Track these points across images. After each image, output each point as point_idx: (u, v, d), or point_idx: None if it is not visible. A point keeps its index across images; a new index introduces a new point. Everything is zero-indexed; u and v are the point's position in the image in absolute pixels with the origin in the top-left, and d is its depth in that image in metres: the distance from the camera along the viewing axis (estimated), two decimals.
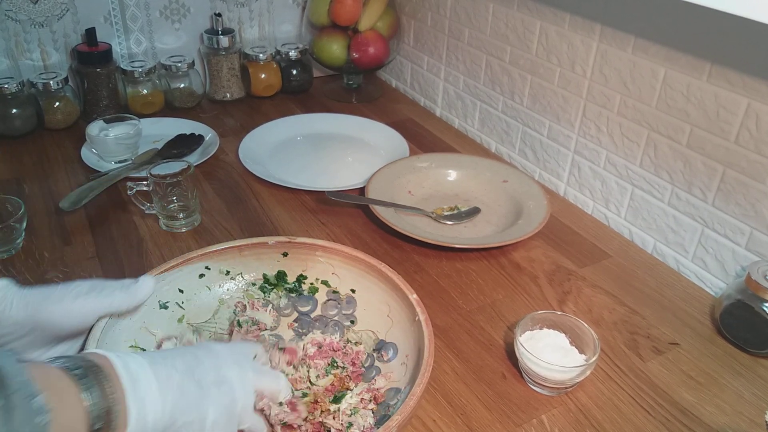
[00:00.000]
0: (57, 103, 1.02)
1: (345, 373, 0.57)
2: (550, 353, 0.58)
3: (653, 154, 0.78)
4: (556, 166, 0.94)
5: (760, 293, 0.62)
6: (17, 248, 0.75)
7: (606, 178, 0.86)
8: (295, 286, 0.63)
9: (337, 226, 0.82)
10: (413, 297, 0.56)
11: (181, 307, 0.59)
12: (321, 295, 0.63)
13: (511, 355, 0.63)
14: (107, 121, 0.94)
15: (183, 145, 0.98)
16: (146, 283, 0.54)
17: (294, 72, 1.21)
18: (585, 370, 0.57)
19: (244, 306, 0.62)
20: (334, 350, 0.59)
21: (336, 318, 0.62)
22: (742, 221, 0.70)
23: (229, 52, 1.15)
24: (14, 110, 0.99)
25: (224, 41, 1.14)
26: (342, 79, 1.25)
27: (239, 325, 0.60)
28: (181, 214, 0.80)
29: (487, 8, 0.99)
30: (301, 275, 0.63)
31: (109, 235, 0.79)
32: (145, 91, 1.10)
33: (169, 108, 1.13)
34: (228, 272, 0.62)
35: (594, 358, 0.57)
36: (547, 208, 0.82)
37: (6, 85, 0.98)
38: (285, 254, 0.63)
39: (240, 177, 0.93)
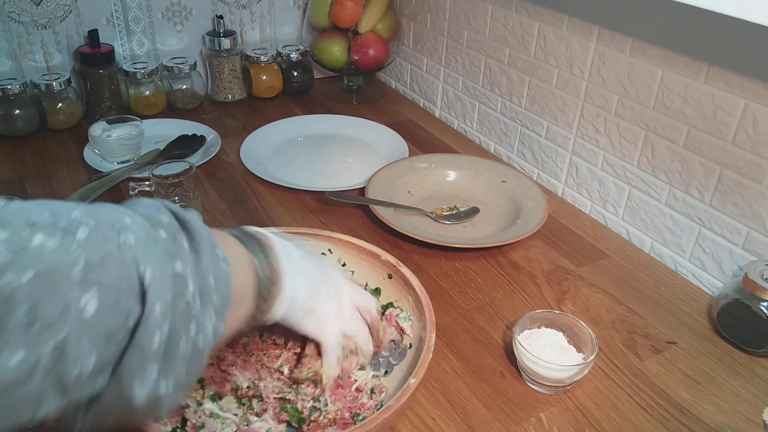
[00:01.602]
0: (60, 104, 1.03)
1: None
2: (549, 352, 0.59)
3: (651, 154, 0.78)
4: (554, 167, 0.94)
5: (757, 293, 0.62)
6: None
7: (604, 178, 0.86)
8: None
9: (337, 226, 0.82)
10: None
11: None
12: None
13: (509, 353, 0.63)
14: (110, 122, 0.95)
15: (185, 145, 0.99)
16: None
17: (295, 73, 1.21)
18: (583, 369, 0.57)
19: None
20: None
21: None
22: (739, 221, 0.70)
23: (231, 54, 1.16)
24: (17, 111, 1.00)
25: (226, 43, 1.14)
26: (342, 81, 1.26)
27: None
28: None
29: (486, 10, 0.99)
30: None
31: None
32: (147, 93, 1.10)
33: (171, 109, 1.14)
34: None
35: (592, 357, 0.57)
36: (546, 209, 0.82)
37: (9, 86, 0.98)
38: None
39: (241, 177, 0.94)
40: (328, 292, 0.52)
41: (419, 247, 0.78)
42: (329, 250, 0.65)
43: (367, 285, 0.63)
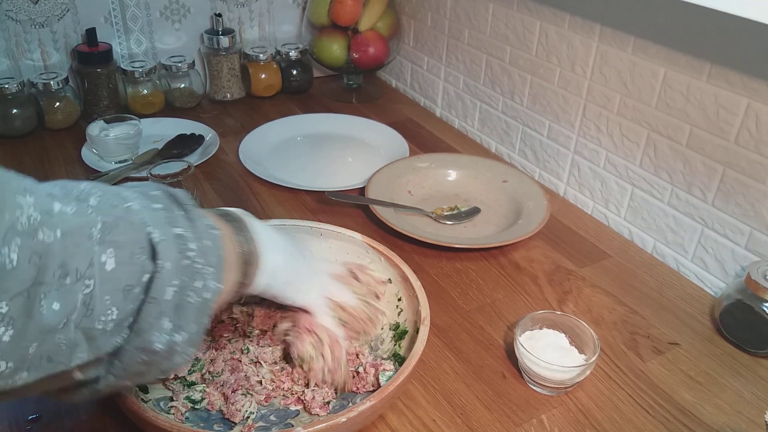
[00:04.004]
0: (57, 104, 1.02)
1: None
2: (550, 353, 0.58)
3: (653, 154, 0.78)
4: (555, 166, 0.94)
5: (760, 293, 0.62)
6: None
7: (606, 178, 0.86)
8: None
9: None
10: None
11: None
12: None
13: (510, 354, 0.63)
14: (107, 122, 0.95)
15: (183, 145, 0.98)
16: None
17: (294, 72, 1.21)
18: (585, 370, 0.57)
19: None
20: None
21: None
22: (741, 221, 0.70)
23: (230, 53, 1.15)
24: (15, 110, 0.99)
25: (224, 41, 1.14)
26: (342, 80, 1.25)
27: None
28: None
29: (487, 8, 0.99)
30: None
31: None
32: (145, 92, 1.10)
33: (170, 108, 1.13)
34: None
35: (594, 358, 0.57)
36: (547, 208, 0.82)
37: (6, 86, 0.98)
38: None
39: (240, 177, 0.93)
40: (306, 265, 0.55)
41: (419, 247, 0.78)
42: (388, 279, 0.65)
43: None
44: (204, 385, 0.55)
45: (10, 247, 0.30)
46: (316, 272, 0.56)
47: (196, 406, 0.54)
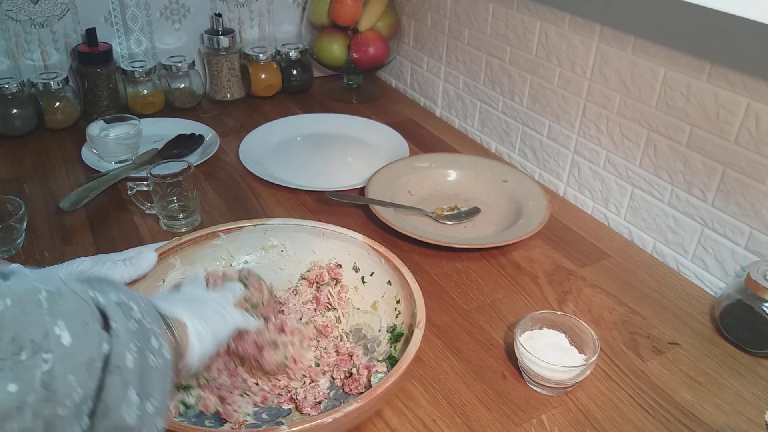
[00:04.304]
0: (57, 103, 1.02)
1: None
2: (550, 353, 0.58)
3: (653, 154, 0.78)
4: (555, 166, 0.94)
5: (760, 293, 0.62)
6: (17, 248, 0.75)
7: (606, 178, 0.86)
8: None
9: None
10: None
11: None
12: None
13: (510, 354, 0.63)
14: (107, 121, 0.95)
15: (183, 145, 0.98)
16: (149, 256, 0.56)
17: (294, 72, 1.21)
18: (585, 370, 0.57)
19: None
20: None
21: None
22: (741, 221, 0.70)
23: (230, 53, 1.15)
24: (15, 110, 0.99)
25: (224, 41, 1.14)
26: (342, 80, 1.25)
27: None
28: (182, 214, 0.80)
29: (487, 8, 0.99)
30: None
31: (110, 235, 0.79)
32: (145, 91, 1.10)
33: (170, 108, 1.13)
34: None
35: (594, 358, 0.57)
36: (547, 208, 0.82)
37: (6, 86, 0.98)
38: None
39: (240, 177, 0.93)
40: (222, 319, 0.51)
41: (420, 247, 0.78)
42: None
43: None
44: (199, 389, 0.55)
45: None
46: (212, 305, 0.52)
47: (189, 410, 0.53)
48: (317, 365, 0.59)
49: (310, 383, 0.57)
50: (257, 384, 0.56)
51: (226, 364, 0.56)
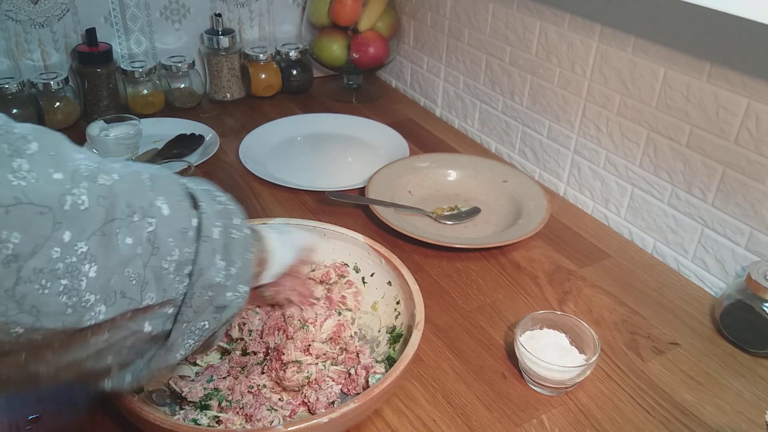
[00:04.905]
0: (57, 104, 1.02)
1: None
2: (550, 353, 0.58)
3: (653, 154, 0.78)
4: (555, 166, 0.94)
5: (760, 293, 0.62)
6: None
7: (606, 178, 0.86)
8: None
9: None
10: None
11: None
12: None
13: (511, 355, 0.63)
14: (108, 122, 0.94)
15: (183, 145, 0.98)
16: None
17: (294, 72, 1.21)
18: (585, 370, 0.57)
19: None
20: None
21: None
22: (741, 221, 0.70)
23: (230, 53, 1.15)
24: (15, 110, 0.99)
25: (224, 41, 1.14)
26: (342, 80, 1.25)
27: None
28: None
29: (487, 8, 0.99)
30: None
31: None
32: (145, 92, 1.10)
33: (170, 108, 1.13)
34: None
35: (594, 358, 0.57)
36: (547, 208, 0.82)
37: (6, 86, 0.98)
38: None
39: (240, 177, 0.93)
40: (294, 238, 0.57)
41: (420, 247, 0.78)
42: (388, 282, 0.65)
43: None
44: (215, 412, 0.53)
45: (80, 189, 0.34)
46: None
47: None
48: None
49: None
50: (281, 399, 0.55)
51: (248, 389, 0.55)
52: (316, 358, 0.57)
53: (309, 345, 0.58)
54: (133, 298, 0.36)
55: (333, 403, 0.54)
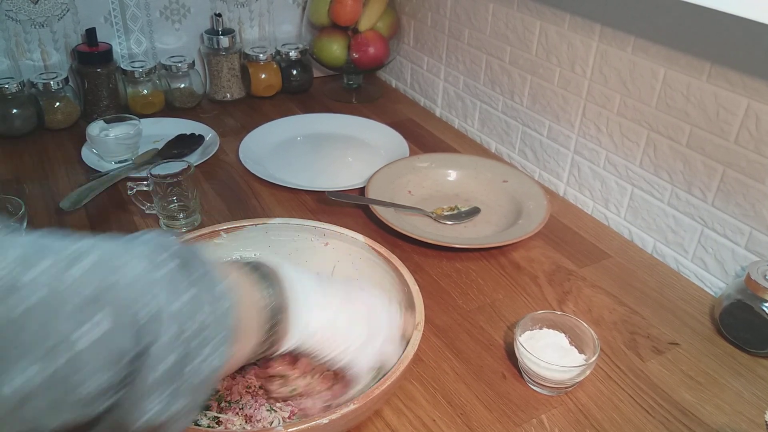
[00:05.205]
0: (57, 103, 1.02)
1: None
2: (550, 353, 0.58)
3: (653, 154, 0.78)
4: (555, 166, 0.94)
5: (760, 293, 0.62)
6: None
7: (606, 178, 0.86)
8: None
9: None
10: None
11: None
12: None
13: (511, 355, 0.63)
14: (107, 121, 0.94)
15: (183, 145, 0.98)
16: None
17: (294, 72, 1.21)
18: (585, 370, 0.57)
19: None
20: None
21: None
22: (741, 221, 0.70)
23: (230, 53, 1.15)
24: (14, 110, 0.99)
25: (224, 41, 1.14)
26: (342, 80, 1.25)
27: None
28: (181, 214, 0.80)
29: (487, 8, 0.99)
30: None
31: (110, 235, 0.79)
32: (145, 92, 1.10)
33: (170, 108, 1.13)
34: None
35: (594, 358, 0.57)
36: (547, 208, 0.82)
37: (6, 86, 0.98)
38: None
39: (240, 177, 0.93)
40: (352, 316, 0.49)
41: (420, 247, 0.78)
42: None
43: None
44: (214, 412, 0.53)
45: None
46: (374, 332, 0.51)
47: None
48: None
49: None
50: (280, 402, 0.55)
51: (246, 389, 0.55)
52: (302, 373, 0.56)
53: (296, 360, 0.57)
54: (40, 425, 0.31)
55: (329, 406, 0.54)
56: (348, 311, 0.49)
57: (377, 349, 0.50)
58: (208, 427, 0.51)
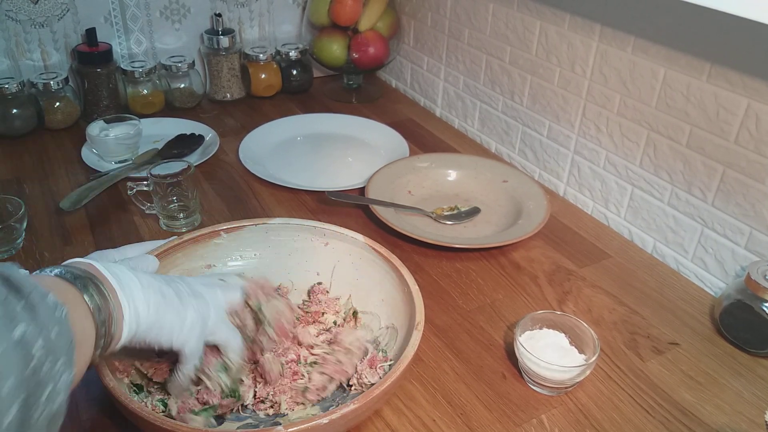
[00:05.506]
0: (57, 103, 1.02)
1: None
2: (550, 353, 0.58)
3: (653, 154, 0.78)
4: (555, 166, 0.94)
5: (760, 293, 0.62)
6: (17, 248, 0.75)
7: (606, 178, 0.86)
8: None
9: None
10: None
11: None
12: None
13: (511, 355, 0.63)
14: (107, 121, 0.95)
15: (183, 145, 0.98)
16: (150, 260, 0.56)
17: (294, 72, 1.21)
18: (585, 370, 0.57)
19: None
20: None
21: None
22: (741, 221, 0.70)
23: (230, 53, 1.15)
24: (15, 110, 0.99)
25: (224, 41, 1.14)
26: (342, 80, 1.25)
27: None
28: (181, 214, 0.80)
29: (487, 8, 0.99)
30: None
31: (110, 235, 0.79)
32: (145, 91, 1.10)
33: (170, 108, 1.13)
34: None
35: (594, 358, 0.57)
36: (547, 208, 0.82)
37: (6, 85, 0.98)
38: None
39: (240, 177, 0.93)
40: (181, 303, 0.48)
41: (419, 247, 0.78)
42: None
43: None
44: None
45: None
46: (203, 313, 0.50)
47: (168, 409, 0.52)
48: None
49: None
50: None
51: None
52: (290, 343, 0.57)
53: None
54: None
55: (325, 388, 0.55)
56: (173, 288, 0.48)
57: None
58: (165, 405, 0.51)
